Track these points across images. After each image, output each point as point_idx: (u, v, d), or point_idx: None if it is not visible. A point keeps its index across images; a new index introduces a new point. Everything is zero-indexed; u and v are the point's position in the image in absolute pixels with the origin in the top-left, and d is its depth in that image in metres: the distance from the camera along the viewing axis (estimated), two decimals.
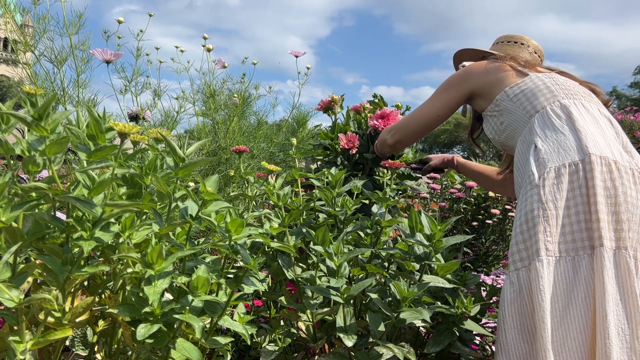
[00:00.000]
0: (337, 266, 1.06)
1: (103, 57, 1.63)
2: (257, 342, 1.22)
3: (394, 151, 1.58)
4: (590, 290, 1.00)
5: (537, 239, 1.04)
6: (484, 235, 2.70)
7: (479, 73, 1.35)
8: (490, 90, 1.31)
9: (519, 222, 1.10)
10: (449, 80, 1.40)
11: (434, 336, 1.16)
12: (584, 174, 1.06)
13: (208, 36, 2.29)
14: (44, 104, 0.66)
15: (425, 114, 1.43)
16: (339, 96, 1.92)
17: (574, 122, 1.13)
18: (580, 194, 1.05)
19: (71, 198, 0.69)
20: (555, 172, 1.08)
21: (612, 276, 0.99)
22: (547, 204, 1.05)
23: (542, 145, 1.13)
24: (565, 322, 1.00)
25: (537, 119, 1.18)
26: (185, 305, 0.82)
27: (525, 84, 1.24)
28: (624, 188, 1.04)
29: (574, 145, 1.10)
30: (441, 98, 1.41)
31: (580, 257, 1.02)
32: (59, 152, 0.70)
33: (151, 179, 0.86)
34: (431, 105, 1.42)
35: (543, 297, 1.00)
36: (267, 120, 2.52)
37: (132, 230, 0.83)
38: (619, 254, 1.00)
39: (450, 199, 2.74)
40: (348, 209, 1.31)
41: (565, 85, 1.23)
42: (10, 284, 0.71)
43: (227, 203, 0.89)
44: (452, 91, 1.39)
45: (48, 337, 0.78)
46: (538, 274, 1.01)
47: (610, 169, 1.05)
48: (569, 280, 1.02)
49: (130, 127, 0.71)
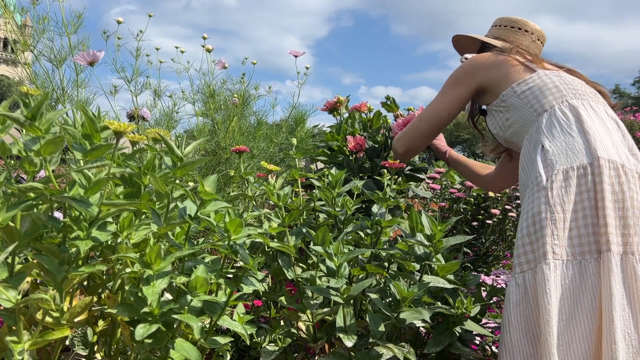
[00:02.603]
0: (337, 266, 1.05)
1: (86, 60, 1.61)
2: (257, 342, 1.21)
3: (406, 159, 1.50)
4: (597, 294, 1.00)
5: (544, 241, 1.03)
6: (484, 235, 2.69)
7: (485, 67, 1.30)
8: (497, 85, 1.28)
9: (526, 224, 1.09)
10: (455, 76, 1.35)
11: (434, 336, 1.15)
12: (592, 177, 1.05)
13: (207, 36, 2.29)
14: (37, 104, 0.65)
15: (435, 114, 1.37)
16: (344, 97, 1.93)
17: (583, 124, 1.11)
18: (588, 197, 1.04)
19: (67, 198, 0.69)
20: (564, 175, 1.06)
21: (620, 281, 0.98)
22: (554, 207, 1.04)
23: (549, 146, 1.11)
24: (571, 325, 0.99)
25: (545, 118, 1.16)
26: (184, 305, 0.82)
27: (533, 81, 1.21)
28: (631, 192, 1.03)
29: (582, 148, 1.08)
30: (449, 95, 1.35)
31: (587, 262, 1.02)
32: (54, 151, 0.69)
33: (149, 178, 0.86)
34: (440, 103, 1.36)
35: (549, 300, 0.99)
36: (266, 120, 2.52)
37: (130, 230, 0.83)
38: (626, 258, 1.00)
39: (450, 199, 2.74)
40: (348, 209, 1.31)
41: (573, 85, 1.21)
42: (8, 284, 0.70)
43: (226, 203, 0.88)
44: (459, 87, 1.33)
45: (46, 337, 0.77)
46: (545, 277, 1.00)
47: (618, 173, 1.04)
48: (575, 284, 1.01)
49: (125, 125, 0.71)
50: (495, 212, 2.64)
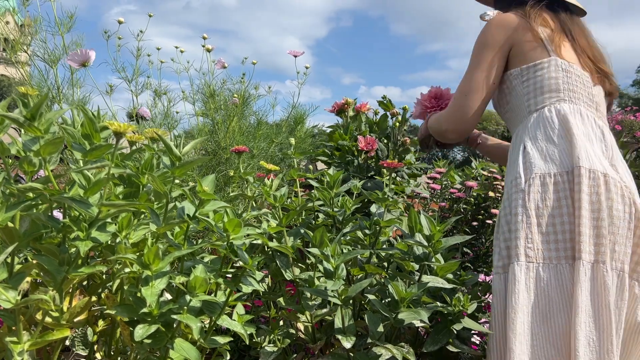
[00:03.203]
0: (334, 268, 1.06)
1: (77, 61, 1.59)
2: (256, 342, 1.22)
3: (459, 140, 1.37)
4: (569, 298, 1.03)
5: (517, 244, 1.07)
6: (483, 235, 2.69)
7: (511, 28, 1.18)
8: (511, 57, 1.20)
9: (502, 229, 1.13)
10: (485, 38, 1.20)
11: (431, 335, 1.15)
12: (569, 185, 1.07)
13: (207, 36, 2.30)
14: (36, 104, 0.65)
15: (483, 84, 1.19)
16: (352, 99, 1.96)
17: (567, 131, 1.11)
18: (567, 204, 1.06)
19: (67, 198, 0.69)
20: (541, 180, 1.09)
21: (587, 289, 1.01)
22: (530, 210, 1.08)
23: (530, 148, 1.13)
24: (546, 326, 1.03)
25: (533, 118, 1.17)
26: (183, 305, 0.82)
27: (540, 70, 1.16)
28: (609, 202, 1.05)
29: (564, 154, 1.09)
30: (488, 59, 1.19)
31: (562, 266, 1.05)
32: (53, 152, 0.69)
33: (148, 178, 0.86)
34: (482, 71, 1.19)
35: (516, 300, 1.03)
36: (266, 120, 2.52)
37: (129, 230, 0.83)
38: (597, 267, 1.03)
39: (450, 199, 2.74)
40: (347, 209, 1.31)
41: (573, 85, 1.17)
42: (7, 285, 0.71)
43: (225, 203, 0.88)
44: (495, 47, 1.19)
45: (46, 337, 0.78)
46: (515, 277, 1.05)
47: (597, 183, 1.05)
48: (551, 286, 1.05)
49: (126, 126, 0.71)
50: (496, 212, 2.64)
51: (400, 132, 1.89)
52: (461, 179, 2.84)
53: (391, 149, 1.87)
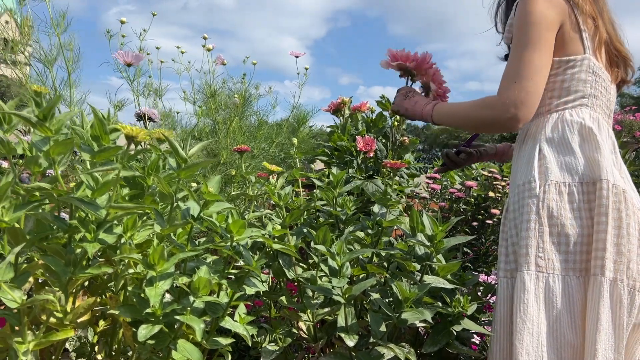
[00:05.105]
0: (339, 266, 1.06)
1: (124, 59, 1.64)
2: (257, 341, 1.22)
3: (524, 122, 1.09)
4: (581, 312, 1.01)
5: (528, 252, 1.04)
6: (484, 235, 2.70)
7: (561, 8, 1.07)
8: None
9: (510, 232, 1.11)
10: (534, 13, 1.04)
11: (431, 336, 1.16)
12: (587, 196, 1.03)
13: (207, 36, 2.30)
14: (49, 104, 0.65)
15: (543, 61, 1.04)
16: (348, 98, 1.95)
17: (591, 142, 1.07)
18: (583, 217, 1.03)
19: (75, 199, 0.69)
20: (556, 189, 1.05)
21: (608, 306, 0.99)
22: (543, 219, 1.04)
23: (547, 152, 1.08)
24: (552, 338, 1.01)
25: (552, 119, 1.11)
26: (186, 306, 0.82)
27: (572, 68, 1.08)
28: (628, 219, 1.03)
29: (584, 165, 1.05)
30: (542, 36, 1.04)
31: (569, 278, 1.03)
32: (63, 152, 0.70)
33: (154, 179, 0.86)
34: (540, 49, 1.04)
35: (525, 310, 1.01)
36: (267, 120, 2.53)
37: (134, 230, 0.83)
38: (615, 285, 1.01)
39: (450, 199, 2.74)
40: (349, 209, 1.31)
41: (598, 92, 1.12)
42: (13, 285, 0.71)
43: (229, 204, 0.89)
44: (548, 22, 1.05)
45: (50, 337, 0.78)
46: (525, 286, 1.02)
47: (619, 199, 1.03)
48: (559, 298, 1.02)
49: (138, 130, 0.70)
50: (495, 212, 2.64)
51: (399, 131, 1.90)
52: (461, 179, 2.84)
53: (390, 148, 1.87)
